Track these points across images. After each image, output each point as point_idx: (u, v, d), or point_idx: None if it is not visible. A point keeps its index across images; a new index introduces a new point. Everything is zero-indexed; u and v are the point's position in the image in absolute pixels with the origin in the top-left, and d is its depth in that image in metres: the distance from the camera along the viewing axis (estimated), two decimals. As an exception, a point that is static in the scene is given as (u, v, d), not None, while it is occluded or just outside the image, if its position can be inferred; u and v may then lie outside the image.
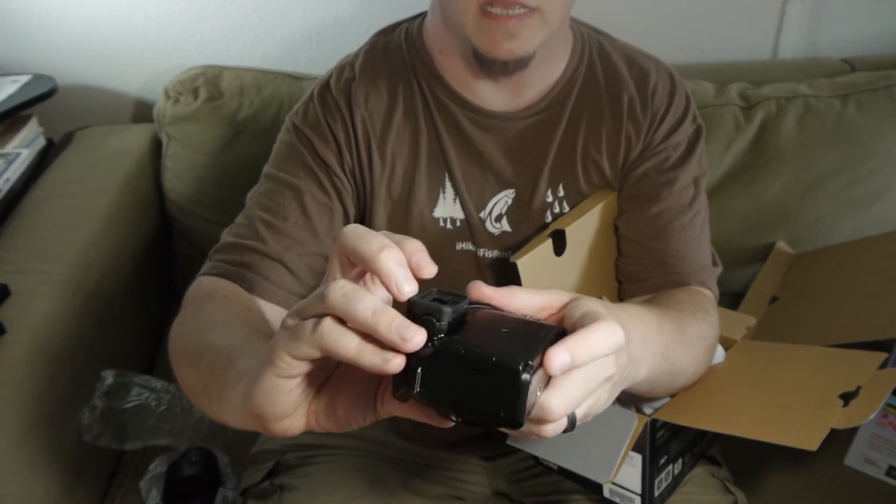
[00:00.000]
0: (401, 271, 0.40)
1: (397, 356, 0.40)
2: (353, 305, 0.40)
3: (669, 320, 0.66)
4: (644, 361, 0.57)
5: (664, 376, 0.64)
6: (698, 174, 0.84)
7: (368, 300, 0.40)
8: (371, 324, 0.39)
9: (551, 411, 0.42)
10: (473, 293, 0.46)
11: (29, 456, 0.83)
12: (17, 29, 1.27)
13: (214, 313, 0.67)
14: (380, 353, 0.40)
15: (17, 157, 1.17)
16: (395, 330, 0.39)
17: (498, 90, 0.79)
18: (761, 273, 1.27)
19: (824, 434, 0.64)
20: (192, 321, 0.67)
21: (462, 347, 0.40)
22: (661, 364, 0.62)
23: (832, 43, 1.43)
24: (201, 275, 0.76)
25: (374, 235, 0.42)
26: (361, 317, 0.39)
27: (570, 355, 0.41)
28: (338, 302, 0.40)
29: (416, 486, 0.87)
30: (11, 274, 0.94)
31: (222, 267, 0.74)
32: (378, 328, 0.39)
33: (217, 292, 0.72)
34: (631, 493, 0.76)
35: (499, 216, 0.82)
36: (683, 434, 0.79)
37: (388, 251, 0.41)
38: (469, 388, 0.40)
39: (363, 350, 0.40)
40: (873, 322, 1.03)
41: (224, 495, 0.94)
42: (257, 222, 0.76)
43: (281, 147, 0.81)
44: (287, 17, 1.32)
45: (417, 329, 0.39)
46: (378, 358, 0.40)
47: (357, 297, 0.40)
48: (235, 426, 0.51)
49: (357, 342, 0.40)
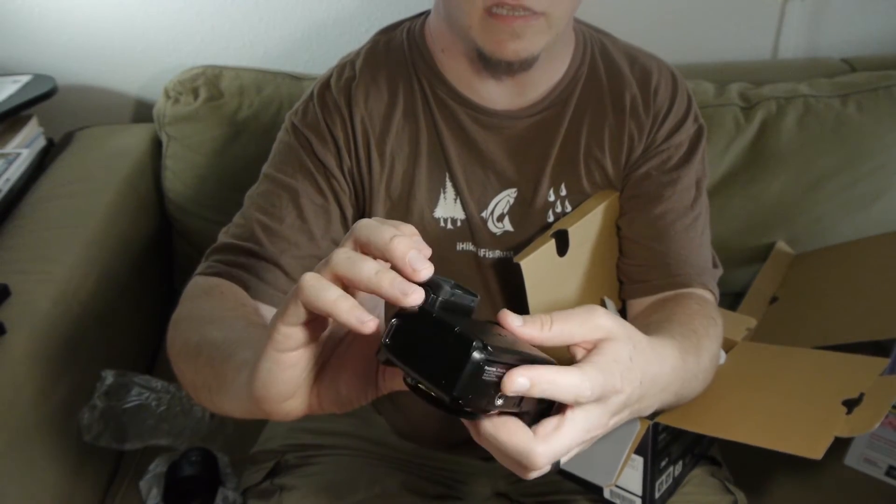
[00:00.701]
0: (413, 254, 0.41)
1: (373, 319, 0.41)
2: (356, 266, 0.41)
3: (692, 356, 0.65)
4: (656, 402, 0.56)
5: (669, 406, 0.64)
6: (700, 175, 0.84)
7: (371, 262, 0.41)
8: (375, 282, 0.40)
9: (535, 460, 0.43)
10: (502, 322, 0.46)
11: (29, 456, 0.83)
12: (17, 29, 1.27)
13: (211, 308, 0.68)
14: (356, 313, 0.41)
15: (17, 157, 1.17)
16: (396, 286, 0.40)
17: (501, 89, 0.79)
18: (761, 273, 1.27)
19: (829, 443, 0.64)
20: (188, 317, 0.68)
21: (437, 315, 0.41)
22: (672, 401, 0.62)
23: (832, 43, 1.43)
24: (197, 274, 0.76)
25: (385, 225, 0.43)
26: (365, 276, 0.41)
27: (530, 382, 0.42)
28: (341, 264, 0.42)
29: (416, 486, 0.87)
30: (11, 274, 0.94)
31: (218, 267, 0.74)
32: (381, 285, 0.40)
33: (213, 289, 0.72)
34: (632, 494, 0.76)
35: (500, 216, 0.82)
36: (684, 436, 0.79)
37: (400, 238, 0.42)
38: (428, 352, 0.41)
39: (339, 303, 0.41)
40: (873, 322, 1.03)
41: (224, 495, 0.94)
42: (254, 224, 0.76)
43: (280, 147, 0.81)
44: (287, 17, 1.32)
45: (417, 288, 0.40)
46: (354, 317, 0.40)
47: (360, 259, 0.41)
48: (238, 416, 0.52)
49: (336, 295, 0.41)
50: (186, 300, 0.72)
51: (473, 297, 0.43)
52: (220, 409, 0.56)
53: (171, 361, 0.66)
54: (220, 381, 0.54)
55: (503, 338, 0.44)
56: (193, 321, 0.66)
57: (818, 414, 0.69)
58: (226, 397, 0.53)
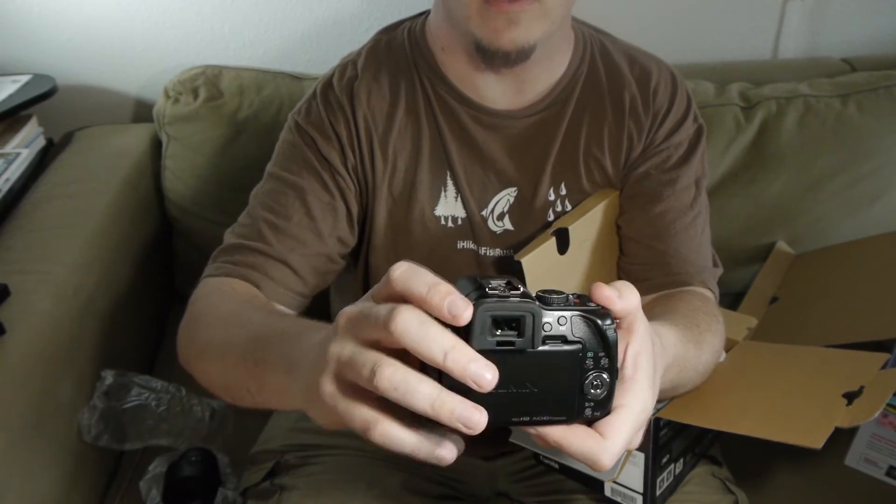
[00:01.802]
0: (472, 367, 0.39)
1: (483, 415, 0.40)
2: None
3: (694, 346, 0.66)
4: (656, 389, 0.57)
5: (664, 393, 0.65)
6: (700, 175, 0.84)
7: (439, 339, 0.39)
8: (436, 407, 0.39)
9: (604, 462, 0.45)
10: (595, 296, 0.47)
11: (29, 456, 0.83)
12: (17, 29, 1.27)
13: (226, 305, 0.68)
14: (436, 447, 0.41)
15: (17, 157, 1.17)
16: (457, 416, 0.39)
17: (501, 87, 0.79)
18: (761, 273, 1.27)
19: (829, 433, 0.64)
20: (206, 316, 0.68)
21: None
22: (667, 389, 0.62)
23: (832, 43, 1.43)
24: (206, 276, 0.76)
25: (434, 336, 0.40)
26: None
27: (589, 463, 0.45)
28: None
29: (416, 486, 0.86)
30: (11, 274, 0.94)
31: (227, 268, 0.75)
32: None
33: (224, 285, 0.73)
34: (633, 492, 0.76)
35: (501, 214, 0.82)
36: (686, 433, 0.79)
37: (453, 354, 0.39)
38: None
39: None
40: (874, 322, 1.03)
41: (224, 495, 0.93)
42: (261, 223, 0.77)
43: (284, 146, 0.81)
44: (287, 17, 1.32)
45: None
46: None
47: (417, 383, 0.39)
48: (295, 409, 0.51)
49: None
50: (199, 301, 0.72)
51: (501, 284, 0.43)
52: (264, 406, 0.56)
53: (186, 363, 0.66)
54: (261, 382, 0.54)
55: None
56: (211, 320, 0.66)
57: (818, 406, 0.70)
58: (272, 397, 0.53)
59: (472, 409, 0.39)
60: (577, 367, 0.44)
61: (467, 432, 0.39)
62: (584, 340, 0.44)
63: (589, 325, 0.45)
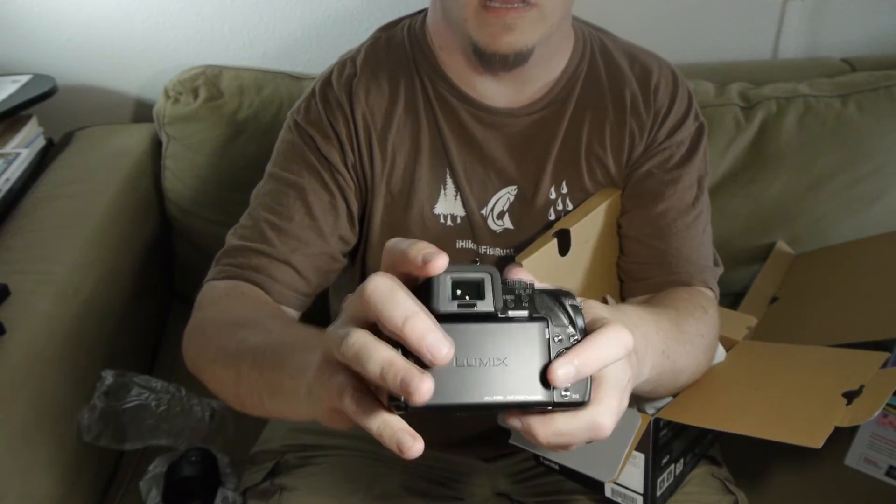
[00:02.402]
0: (430, 338, 0.39)
1: (418, 441, 0.40)
2: (364, 366, 0.40)
3: (666, 318, 0.66)
4: (647, 360, 0.57)
5: (666, 374, 0.64)
6: (702, 173, 0.84)
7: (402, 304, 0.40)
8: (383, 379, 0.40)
9: (602, 428, 0.44)
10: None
11: (29, 456, 0.83)
12: (17, 29, 1.27)
13: (238, 310, 0.68)
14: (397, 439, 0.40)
15: (16, 157, 1.17)
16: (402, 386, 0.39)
17: (500, 86, 0.79)
18: (761, 273, 1.27)
19: (829, 432, 0.64)
20: (216, 321, 0.67)
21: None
22: (664, 362, 0.62)
23: (832, 43, 1.43)
24: (210, 280, 0.76)
25: (398, 301, 0.40)
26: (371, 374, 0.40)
27: (575, 368, 0.42)
28: (349, 359, 0.41)
29: (416, 486, 0.86)
30: (11, 274, 0.94)
31: (231, 271, 0.75)
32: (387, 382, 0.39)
33: (233, 290, 0.73)
34: (633, 492, 0.76)
35: (501, 213, 0.82)
36: (686, 434, 0.79)
37: (412, 321, 0.39)
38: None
39: (384, 431, 0.41)
40: (874, 322, 1.03)
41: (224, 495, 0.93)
42: (263, 224, 0.77)
43: (283, 146, 0.81)
44: (287, 16, 1.32)
45: (425, 380, 0.38)
46: (394, 445, 0.40)
47: (368, 358, 0.40)
48: (300, 419, 0.52)
49: (379, 423, 0.41)
50: (206, 305, 0.72)
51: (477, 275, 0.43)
52: (274, 414, 0.56)
53: (195, 368, 0.65)
54: (274, 388, 0.54)
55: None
56: (224, 326, 0.65)
57: (818, 405, 0.70)
58: (283, 405, 0.53)
59: (417, 374, 0.38)
60: (546, 343, 0.43)
61: (413, 401, 0.38)
62: (550, 316, 0.44)
63: (553, 301, 0.45)
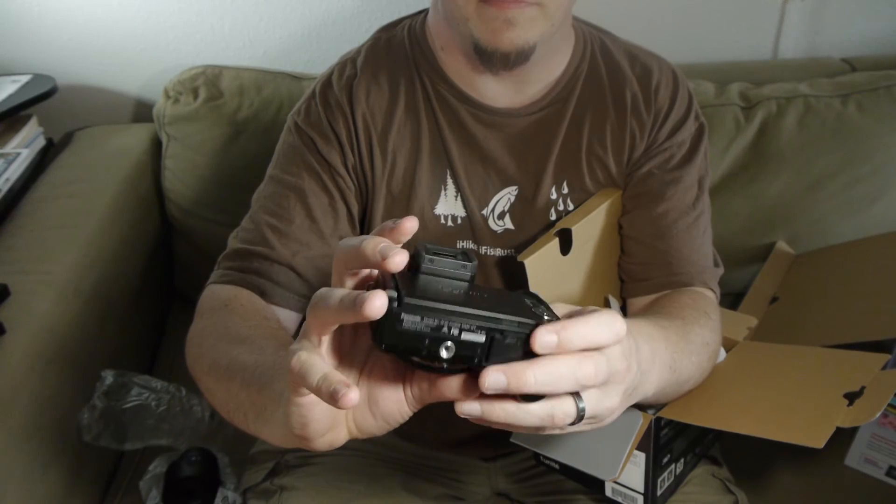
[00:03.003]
0: (380, 245, 0.42)
1: (353, 391, 0.40)
2: (321, 312, 0.43)
3: (674, 332, 0.66)
4: (653, 377, 0.57)
5: (671, 387, 0.64)
6: (703, 174, 0.84)
7: (332, 296, 0.42)
8: (345, 305, 0.41)
9: (524, 381, 0.42)
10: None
11: (29, 456, 0.83)
12: (17, 29, 1.27)
13: (235, 325, 0.67)
14: (330, 390, 0.41)
15: (16, 157, 1.17)
16: (358, 301, 0.40)
17: (500, 86, 0.79)
18: (761, 273, 1.27)
19: (830, 432, 0.64)
20: (213, 334, 0.67)
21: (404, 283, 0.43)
22: (670, 377, 0.62)
23: (832, 43, 1.43)
24: (212, 283, 0.76)
25: (358, 237, 0.44)
26: (332, 308, 0.42)
27: (558, 336, 0.42)
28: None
29: (416, 486, 0.86)
30: (11, 274, 0.94)
31: (233, 275, 0.75)
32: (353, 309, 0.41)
33: (233, 301, 0.72)
34: (634, 492, 0.76)
35: (501, 213, 0.82)
36: (686, 433, 0.79)
37: (368, 240, 0.43)
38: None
39: (322, 384, 0.41)
40: (874, 322, 1.02)
41: (224, 495, 0.94)
42: (264, 227, 0.77)
43: (284, 148, 0.81)
44: (287, 16, 1.32)
45: (377, 294, 0.40)
46: (327, 396, 0.41)
47: (321, 302, 0.42)
48: (279, 445, 0.52)
49: (319, 376, 0.41)
50: (206, 313, 0.72)
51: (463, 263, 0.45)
52: (258, 435, 0.56)
53: (194, 376, 0.66)
54: (258, 410, 0.54)
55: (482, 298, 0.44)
56: (220, 340, 0.65)
57: (820, 406, 0.70)
58: (265, 427, 0.53)
59: (345, 388, 0.40)
60: (523, 301, 0.46)
61: (341, 405, 0.40)
62: (523, 294, 0.48)
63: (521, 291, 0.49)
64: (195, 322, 0.71)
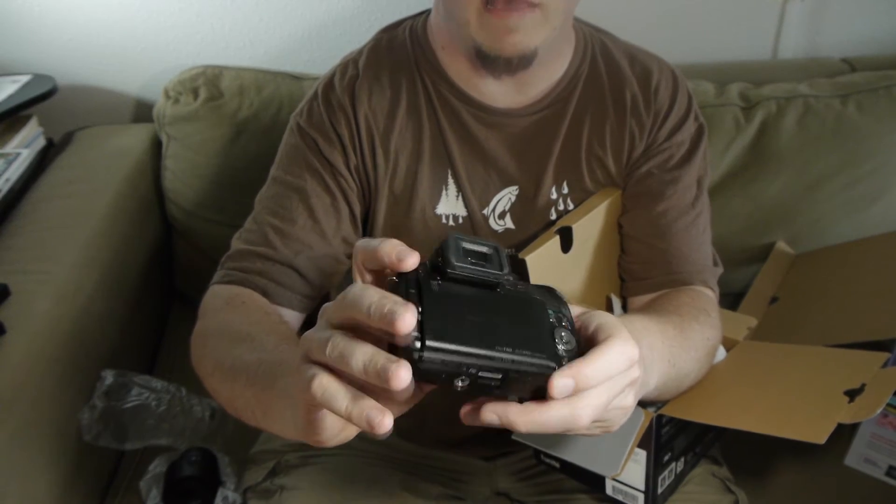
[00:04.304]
0: (397, 249, 0.45)
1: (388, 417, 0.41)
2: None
3: (672, 326, 0.67)
4: (654, 370, 0.57)
5: (671, 382, 0.65)
6: (702, 174, 0.84)
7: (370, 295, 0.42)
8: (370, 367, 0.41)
9: (579, 421, 0.44)
10: None
11: (29, 456, 0.83)
12: (17, 29, 1.27)
13: (237, 323, 0.68)
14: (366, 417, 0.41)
15: (17, 157, 1.17)
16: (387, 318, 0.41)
17: (502, 87, 0.79)
18: (761, 273, 1.27)
19: (831, 428, 0.65)
20: (215, 334, 0.67)
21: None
22: (669, 371, 0.62)
23: (832, 43, 1.43)
24: (214, 283, 0.76)
25: (376, 239, 0.46)
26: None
27: (575, 381, 0.44)
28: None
29: (416, 486, 0.86)
30: (11, 274, 0.94)
31: (235, 275, 0.75)
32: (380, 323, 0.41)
33: (234, 299, 0.73)
34: (634, 490, 0.76)
35: (502, 213, 0.82)
36: (687, 431, 0.79)
37: (384, 243, 0.45)
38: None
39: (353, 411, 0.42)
40: (873, 322, 1.02)
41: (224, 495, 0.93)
42: (266, 227, 0.77)
43: (286, 149, 0.81)
44: (287, 16, 1.32)
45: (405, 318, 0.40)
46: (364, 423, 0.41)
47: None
48: (290, 438, 0.53)
49: (347, 402, 0.42)
50: (209, 313, 0.72)
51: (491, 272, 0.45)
52: (269, 430, 0.57)
53: (199, 375, 0.66)
54: (265, 408, 0.55)
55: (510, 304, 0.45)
56: (223, 339, 0.66)
57: (820, 403, 0.70)
58: (274, 424, 0.54)
59: (394, 364, 0.40)
60: (546, 315, 0.46)
61: (392, 386, 0.40)
62: (545, 300, 0.47)
63: (544, 291, 0.49)
64: (198, 323, 0.71)
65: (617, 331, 0.47)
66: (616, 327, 0.47)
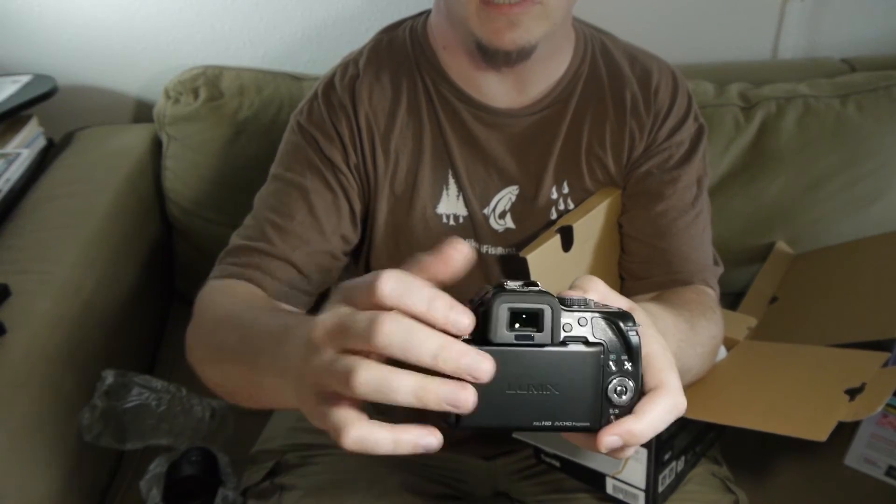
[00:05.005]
0: (452, 315, 0.39)
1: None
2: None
3: (683, 320, 0.67)
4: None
5: None
6: (701, 174, 0.84)
7: (426, 343, 0.38)
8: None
9: (638, 436, 0.43)
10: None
11: (29, 456, 0.83)
12: (17, 29, 1.27)
13: (219, 308, 0.68)
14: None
15: (17, 157, 1.17)
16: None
17: (502, 86, 0.79)
18: (761, 273, 1.27)
19: (832, 426, 0.65)
20: (202, 321, 0.68)
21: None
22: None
23: (832, 43, 1.43)
24: (211, 278, 0.76)
25: (415, 289, 0.39)
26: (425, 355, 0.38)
27: (623, 440, 0.43)
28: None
29: (416, 486, 0.86)
30: (11, 274, 0.94)
31: (231, 269, 0.75)
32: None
33: (227, 288, 0.73)
34: (635, 488, 0.76)
35: (503, 213, 0.82)
36: (688, 430, 0.80)
37: (434, 303, 0.39)
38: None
39: (427, 395, 0.39)
40: (873, 322, 1.03)
41: (224, 495, 0.93)
42: (264, 223, 0.77)
43: (287, 147, 0.82)
44: (287, 17, 1.32)
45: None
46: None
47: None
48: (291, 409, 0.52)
49: (414, 387, 0.38)
50: (200, 303, 0.72)
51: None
52: (267, 407, 0.56)
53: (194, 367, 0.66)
54: (256, 386, 0.53)
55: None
56: (210, 324, 0.66)
57: (821, 401, 0.70)
58: (273, 400, 0.52)
59: (458, 387, 0.38)
60: (600, 371, 0.42)
61: (458, 411, 0.39)
62: (606, 343, 0.43)
63: (611, 328, 0.43)
64: (192, 317, 0.71)
65: (667, 377, 0.45)
66: (665, 371, 0.45)
